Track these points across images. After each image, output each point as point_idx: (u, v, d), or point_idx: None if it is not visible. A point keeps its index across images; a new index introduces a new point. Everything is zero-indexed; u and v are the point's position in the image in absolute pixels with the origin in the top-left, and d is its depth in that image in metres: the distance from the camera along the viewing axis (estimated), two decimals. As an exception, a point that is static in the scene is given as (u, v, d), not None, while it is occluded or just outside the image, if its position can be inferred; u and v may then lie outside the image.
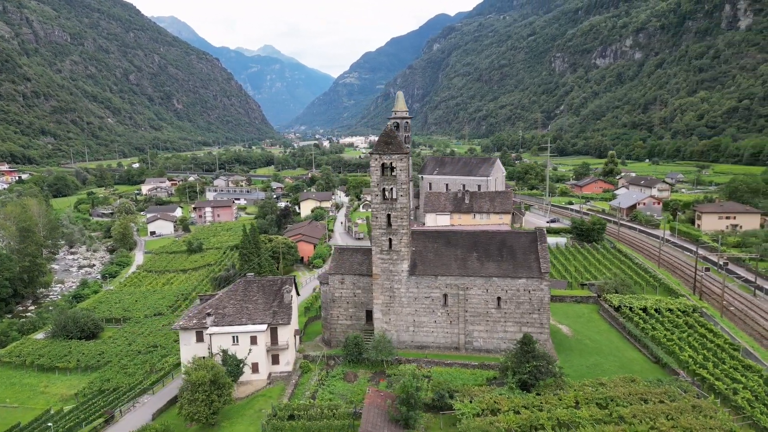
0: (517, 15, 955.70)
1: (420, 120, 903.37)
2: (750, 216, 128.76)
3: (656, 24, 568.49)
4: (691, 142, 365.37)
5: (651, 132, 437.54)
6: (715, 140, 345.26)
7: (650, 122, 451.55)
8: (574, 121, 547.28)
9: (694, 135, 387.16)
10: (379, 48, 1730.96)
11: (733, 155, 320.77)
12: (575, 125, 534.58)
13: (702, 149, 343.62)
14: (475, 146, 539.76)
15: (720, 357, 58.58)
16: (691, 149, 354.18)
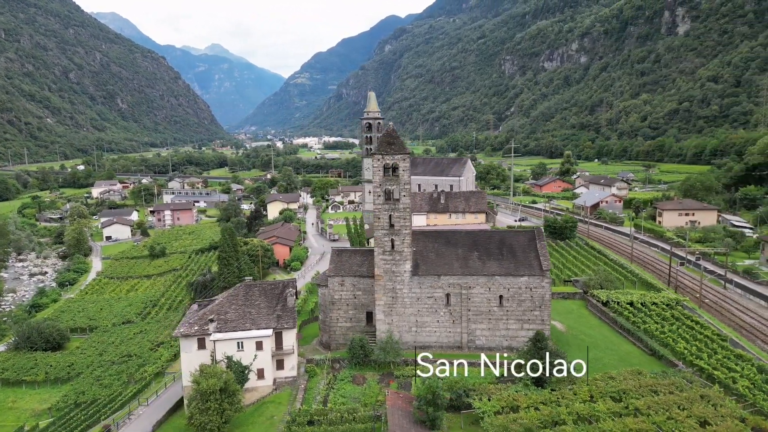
0: (467, 18, 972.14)
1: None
2: (707, 212, 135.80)
3: (600, 29, 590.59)
4: (637, 142, 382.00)
5: (598, 133, 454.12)
6: (659, 140, 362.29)
7: (597, 123, 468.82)
8: (525, 123, 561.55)
9: (638, 136, 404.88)
10: (330, 48, 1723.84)
11: (676, 155, 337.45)
12: (526, 126, 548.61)
13: (647, 149, 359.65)
14: (430, 147, 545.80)
15: (711, 348, 61.51)
16: (637, 149, 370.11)
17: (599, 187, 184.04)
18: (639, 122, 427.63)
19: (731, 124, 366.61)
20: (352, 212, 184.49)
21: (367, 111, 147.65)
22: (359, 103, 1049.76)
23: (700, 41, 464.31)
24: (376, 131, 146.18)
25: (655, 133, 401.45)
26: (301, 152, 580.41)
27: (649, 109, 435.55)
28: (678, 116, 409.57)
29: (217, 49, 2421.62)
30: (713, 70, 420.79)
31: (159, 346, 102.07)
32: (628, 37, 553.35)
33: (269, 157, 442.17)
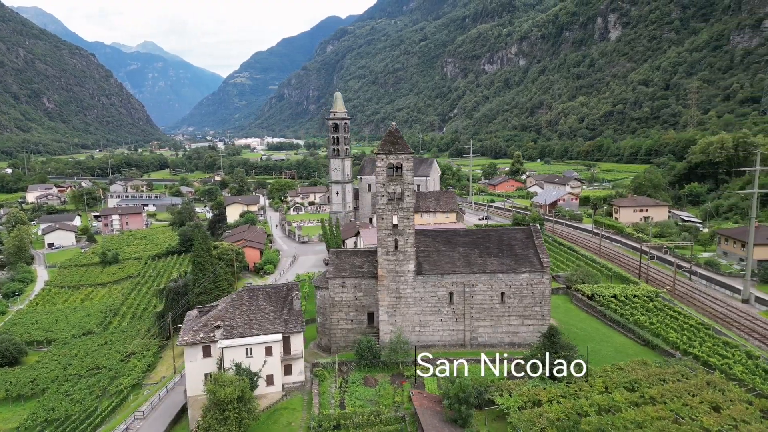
0: (408, 20, 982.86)
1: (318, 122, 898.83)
2: (659, 209, 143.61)
3: (537, 33, 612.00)
4: (577, 143, 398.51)
5: (539, 134, 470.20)
6: (597, 141, 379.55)
7: (538, 125, 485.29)
8: (468, 124, 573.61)
9: (577, 136, 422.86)
10: (270, 48, 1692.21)
11: (614, 155, 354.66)
12: (469, 128, 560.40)
13: (587, 149, 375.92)
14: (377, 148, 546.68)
15: (699, 336, 65.16)
16: (577, 149, 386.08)
17: (554, 186, 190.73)
18: (577, 123, 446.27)
19: (662, 125, 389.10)
20: (318, 214, 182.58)
21: (333, 111, 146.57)
22: (301, 103, 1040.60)
23: (631, 47, 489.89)
24: (343, 132, 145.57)
25: (592, 133, 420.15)
26: (245, 153, 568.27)
27: (586, 111, 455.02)
28: (613, 118, 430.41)
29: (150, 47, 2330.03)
30: (644, 74, 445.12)
31: (130, 356, 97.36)
32: (564, 42, 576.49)
33: (213, 158, 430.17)
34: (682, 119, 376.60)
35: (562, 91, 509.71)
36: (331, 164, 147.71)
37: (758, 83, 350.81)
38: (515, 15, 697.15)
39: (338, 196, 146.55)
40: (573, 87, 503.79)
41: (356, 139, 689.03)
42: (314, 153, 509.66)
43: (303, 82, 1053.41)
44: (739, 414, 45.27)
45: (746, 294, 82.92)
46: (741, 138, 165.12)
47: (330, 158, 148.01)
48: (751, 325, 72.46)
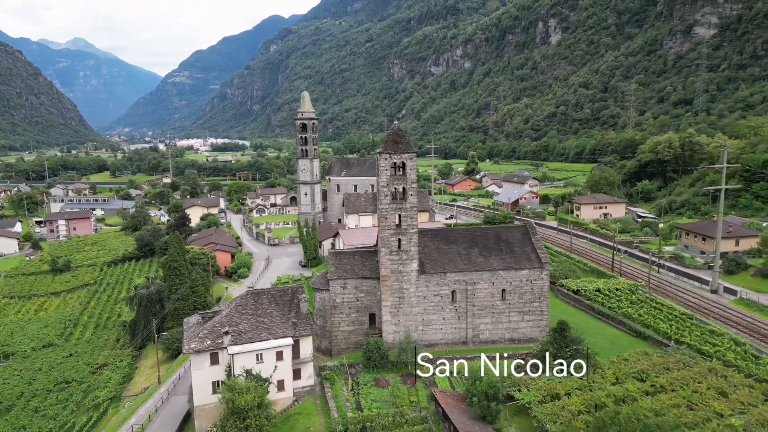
0: (353, 21, 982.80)
1: (263, 122, 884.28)
2: (617, 205, 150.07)
3: (482, 36, 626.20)
4: (524, 143, 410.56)
5: (487, 134, 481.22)
6: (543, 141, 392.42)
7: (485, 126, 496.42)
8: (417, 125, 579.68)
9: (523, 137, 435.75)
10: (211, 47, 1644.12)
11: (560, 154, 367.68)
12: (418, 129, 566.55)
13: (534, 149, 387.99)
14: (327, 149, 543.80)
15: (686, 326, 68.58)
16: (524, 149, 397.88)
17: (513, 185, 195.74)
18: (523, 124, 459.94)
19: (602, 126, 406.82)
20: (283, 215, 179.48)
21: (301, 111, 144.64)
22: (245, 103, 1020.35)
23: (570, 50, 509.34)
24: (311, 131, 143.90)
25: (537, 134, 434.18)
26: (188, 155, 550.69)
27: (530, 112, 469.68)
28: (556, 119, 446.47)
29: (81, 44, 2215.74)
30: (584, 77, 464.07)
31: (101, 368, 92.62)
32: (507, 45, 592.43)
33: (157, 160, 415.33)
34: (620, 120, 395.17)
35: (507, 93, 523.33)
36: (299, 165, 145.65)
37: (690, 86, 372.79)
38: (459, 18, 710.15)
39: (307, 197, 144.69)
40: (517, 89, 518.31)
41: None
42: (262, 154, 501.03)
43: (247, 81, 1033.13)
44: (745, 398, 47.98)
45: (715, 285, 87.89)
46: (687, 138, 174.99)
47: (298, 159, 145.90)
48: (725, 314, 76.86)
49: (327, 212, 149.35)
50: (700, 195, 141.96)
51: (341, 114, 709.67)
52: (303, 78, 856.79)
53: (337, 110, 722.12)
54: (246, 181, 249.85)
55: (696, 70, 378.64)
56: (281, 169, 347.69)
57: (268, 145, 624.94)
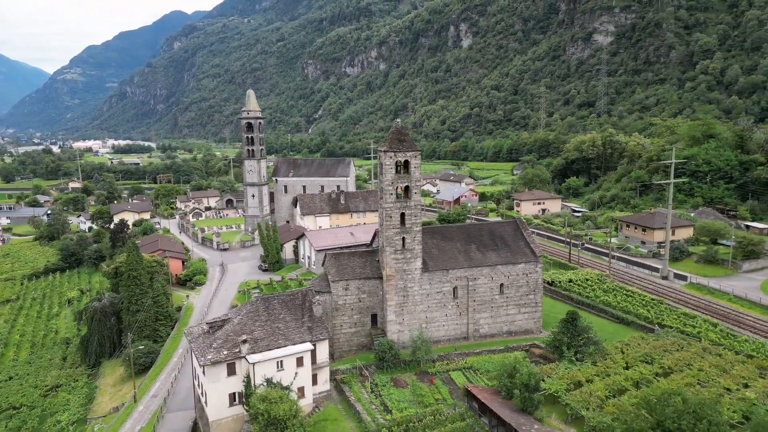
0: (262, 19, 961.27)
1: (169, 122, 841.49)
2: (553, 201, 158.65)
3: (395, 38, 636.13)
4: (444, 144, 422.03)
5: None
6: (462, 142, 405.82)
7: (404, 126, 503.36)
8: (335, 126, 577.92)
9: (441, 138, 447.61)
10: (106, 42, 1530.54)
11: (478, 154, 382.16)
12: (336, 129, 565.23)
13: (453, 149, 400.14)
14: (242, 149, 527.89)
15: (661, 310, 73.91)
16: (444, 150, 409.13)
17: (451, 184, 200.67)
18: (440, 125, 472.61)
19: (514, 126, 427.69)
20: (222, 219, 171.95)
21: (246, 110, 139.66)
22: (148, 102, 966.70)
23: (482, 54, 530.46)
24: (257, 131, 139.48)
25: (454, 135, 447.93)
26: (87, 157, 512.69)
27: (446, 113, 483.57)
28: (471, 120, 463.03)
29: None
30: (495, 79, 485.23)
31: (54, 390, 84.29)
32: (420, 48, 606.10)
33: (56, 163, 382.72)
34: (531, 121, 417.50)
35: (423, 95, 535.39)
36: (245, 166, 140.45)
37: (592, 89, 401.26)
38: (372, 20, 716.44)
39: (254, 199, 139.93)
40: (433, 91, 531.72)
41: (216, 141, 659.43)
42: (172, 156, 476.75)
43: (148, 79, 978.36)
44: (745, 373, 52.66)
45: (665, 272, 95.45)
46: (608, 137, 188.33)
47: (244, 160, 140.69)
48: (682, 298, 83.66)
49: (274, 214, 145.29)
50: (628, 189, 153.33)
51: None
52: (211, 77, 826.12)
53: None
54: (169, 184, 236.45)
55: (597, 75, 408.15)
56: (200, 171, 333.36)
57: (177, 146, 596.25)
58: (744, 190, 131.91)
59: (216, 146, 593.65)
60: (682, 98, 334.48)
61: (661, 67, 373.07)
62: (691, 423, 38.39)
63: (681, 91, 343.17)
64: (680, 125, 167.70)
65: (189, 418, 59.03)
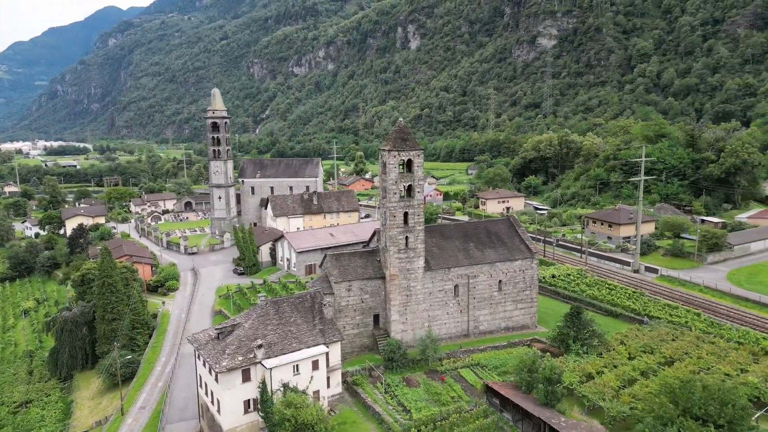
0: (204, 17, 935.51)
1: (105, 123, 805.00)
2: (517, 199, 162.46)
3: (343, 39, 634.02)
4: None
5: (357, 135, 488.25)
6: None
7: (355, 127, 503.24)
8: (284, 126, 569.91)
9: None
10: (34, 38, 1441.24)
11: (431, 154, 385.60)
12: (285, 129, 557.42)
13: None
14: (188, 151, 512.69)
15: (644, 302, 76.99)
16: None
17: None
18: (391, 126, 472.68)
19: (464, 127, 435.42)
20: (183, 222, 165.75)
21: (212, 109, 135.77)
22: (81, 101, 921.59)
23: (430, 56, 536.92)
24: (224, 131, 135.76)
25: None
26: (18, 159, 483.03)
27: (397, 114, 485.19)
28: (422, 121, 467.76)
29: None
30: (444, 81, 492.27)
31: (25, 406, 78.90)
32: (369, 49, 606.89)
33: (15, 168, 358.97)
34: (480, 122, 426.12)
35: (373, 96, 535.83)
36: (211, 167, 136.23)
37: (537, 91, 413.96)
38: (319, 19, 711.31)
39: (221, 201, 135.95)
40: (383, 92, 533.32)
41: (157, 141, 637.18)
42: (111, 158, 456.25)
43: (82, 78, 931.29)
44: (741, 359, 55.63)
45: (636, 265, 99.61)
46: (564, 137, 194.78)
47: (210, 160, 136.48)
48: (657, 290, 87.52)
49: (241, 216, 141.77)
50: (587, 187, 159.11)
51: (198, 114, 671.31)
52: (151, 75, 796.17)
53: (193, 110, 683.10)
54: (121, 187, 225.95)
55: (542, 77, 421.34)
56: (147, 173, 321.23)
57: (116, 147, 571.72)
58: (696, 186, 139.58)
59: (158, 147, 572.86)
60: (623, 100, 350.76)
61: (602, 70, 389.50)
62: (717, 408, 40.18)
63: (621, 93, 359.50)
64: (632, 125, 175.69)
65: (192, 428, 56.69)
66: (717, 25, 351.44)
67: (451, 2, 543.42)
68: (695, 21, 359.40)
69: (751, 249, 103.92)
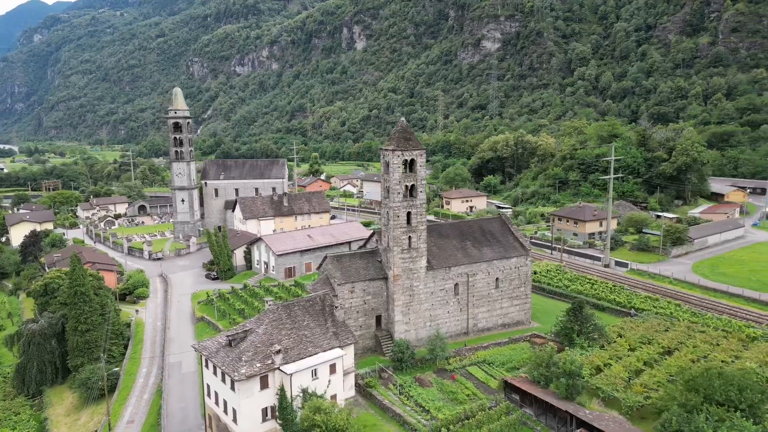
0: (138, 13, 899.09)
1: (32, 123, 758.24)
2: (479, 198, 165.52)
3: (287, 38, 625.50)
4: (347, 145, 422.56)
5: (305, 136, 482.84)
6: (366, 143, 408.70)
7: (303, 127, 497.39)
8: (227, 126, 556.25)
9: (342, 139, 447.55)
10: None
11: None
12: (229, 130, 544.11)
13: (358, 150, 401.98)
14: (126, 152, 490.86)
15: (627, 295, 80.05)
16: (348, 150, 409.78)
17: (374, 184, 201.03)
18: (340, 127, 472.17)
19: (413, 128, 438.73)
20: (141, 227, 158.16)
21: (173, 109, 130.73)
22: (4, 101, 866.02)
23: (376, 57, 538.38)
24: (186, 132, 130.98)
25: (355, 136, 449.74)
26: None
27: (346, 115, 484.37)
28: (371, 122, 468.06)
29: None
30: (391, 82, 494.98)
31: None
32: (314, 49, 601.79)
33: None
34: (429, 123, 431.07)
35: (320, 96, 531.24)
36: (173, 168, 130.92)
37: (483, 93, 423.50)
38: (261, 18, 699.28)
39: (184, 204, 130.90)
40: (330, 92, 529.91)
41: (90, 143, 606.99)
42: (41, 160, 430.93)
43: (4, 75, 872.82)
44: (733, 347, 58.80)
45: (606, 260, 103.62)
46: (519, 137, 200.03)
47: (172, 162, 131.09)
48: (630, 283, 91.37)
49: (204, 219, 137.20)
50: (546, 186, 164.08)
51: (135, 114, 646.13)
52: (81, 73, 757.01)
53: (129, 109, 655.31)
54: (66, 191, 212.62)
55: (487, 79, 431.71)
56: (85, 176, 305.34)
57: (45, 149, 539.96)
58: (650, 184, 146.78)
59: (92, 149, 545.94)
60: (564, 102, 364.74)
61: (544, 73, 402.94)
62: (737, 393, 42.29)
63: (563, 95, 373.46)
64: (586, 126, 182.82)
65: (198, 441, 54.24)
66: (650, 30, 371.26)
67: (396, 4, 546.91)
68: (630, 27, 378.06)
69: (709, 242, 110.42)
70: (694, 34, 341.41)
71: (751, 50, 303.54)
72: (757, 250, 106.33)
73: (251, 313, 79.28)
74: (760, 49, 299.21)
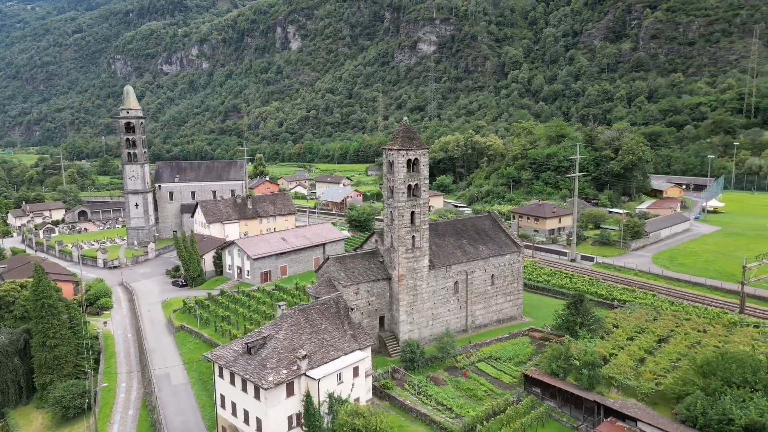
0: (51, 7, 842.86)
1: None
2: (437, 198, 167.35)
3: (218, 37, 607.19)
4: (287, 146, 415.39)
5: (241, 137, 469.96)
6: (307, 144, 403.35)
7: (238, 128, 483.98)
8: (155, 127, 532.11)
9: (280, 140, 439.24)
10: None
11: (324, 156, 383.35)
12: (157, 131, 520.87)
13: (298, 151, 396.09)
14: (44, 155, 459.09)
15: (605, 287, 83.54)
16: (288, 152, 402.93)
17: (331, 185, 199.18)
18: (277, 127, 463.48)
19: (353, 129, 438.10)
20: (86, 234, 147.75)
21: (126, 108, 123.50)
22: None
23: (312, 57, 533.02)
24: (140, 132, 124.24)
25: (294, 137, 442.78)
26: None
27: (283, 115, 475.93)
28: (309, 122, 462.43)
29: None
30: (329, 83, 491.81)
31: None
32: (247, 48, 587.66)
33: None
34: (368, 124, 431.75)
35: (255, 96, 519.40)
36: (126, 171, 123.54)
37: (421, 94, 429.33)
38: (189, 15, 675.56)
39: (138, 209, 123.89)
40: (265, 92, 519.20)
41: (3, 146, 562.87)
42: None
43: None
44: (719, 332, 62.72)
45: (573, 255, 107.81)
46: (469, 138, 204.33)
47: (125, 164, 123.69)
48: (602, 276, 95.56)
49: (159, 224, 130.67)
50: (500, 185, 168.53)
51: (51, 114, 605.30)
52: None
53: (44, 109, 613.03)
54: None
55: (424, 81, 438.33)
56: (4, 180, 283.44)
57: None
58: (598, 181, 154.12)
59: (4, 152, 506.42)
60: (500, 103, 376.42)
61: (479, 76, 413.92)
62: (752, 375, 45.20)
63: (498, 97, 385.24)
64: (534, 127, 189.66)
65: (207, 455, 51.48)
66: (576, 36, 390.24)
67: (330, 5, 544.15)
68: (558, 32, 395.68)
69: (662, 236, 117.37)
70: (617, 41, 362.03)
71: (669, 56, 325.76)
72: (706, 242, 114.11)
73: (237, 319, 76.33)
74: (677, 55, 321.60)
